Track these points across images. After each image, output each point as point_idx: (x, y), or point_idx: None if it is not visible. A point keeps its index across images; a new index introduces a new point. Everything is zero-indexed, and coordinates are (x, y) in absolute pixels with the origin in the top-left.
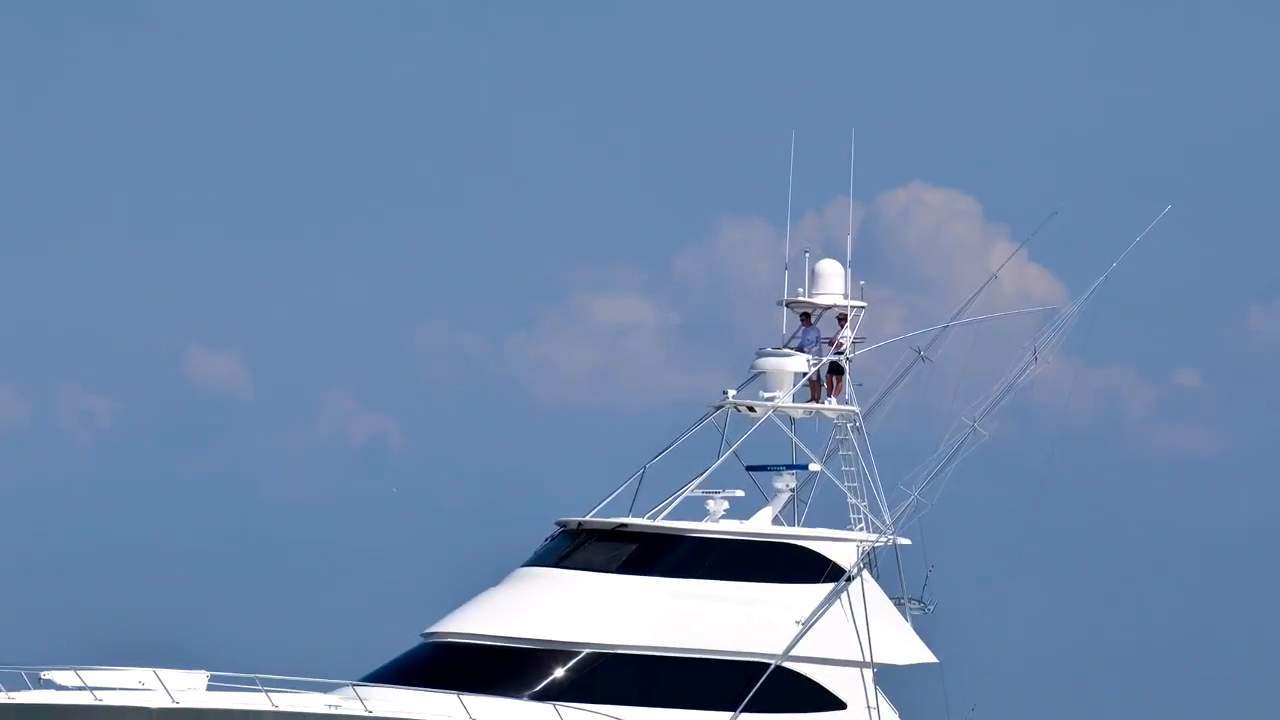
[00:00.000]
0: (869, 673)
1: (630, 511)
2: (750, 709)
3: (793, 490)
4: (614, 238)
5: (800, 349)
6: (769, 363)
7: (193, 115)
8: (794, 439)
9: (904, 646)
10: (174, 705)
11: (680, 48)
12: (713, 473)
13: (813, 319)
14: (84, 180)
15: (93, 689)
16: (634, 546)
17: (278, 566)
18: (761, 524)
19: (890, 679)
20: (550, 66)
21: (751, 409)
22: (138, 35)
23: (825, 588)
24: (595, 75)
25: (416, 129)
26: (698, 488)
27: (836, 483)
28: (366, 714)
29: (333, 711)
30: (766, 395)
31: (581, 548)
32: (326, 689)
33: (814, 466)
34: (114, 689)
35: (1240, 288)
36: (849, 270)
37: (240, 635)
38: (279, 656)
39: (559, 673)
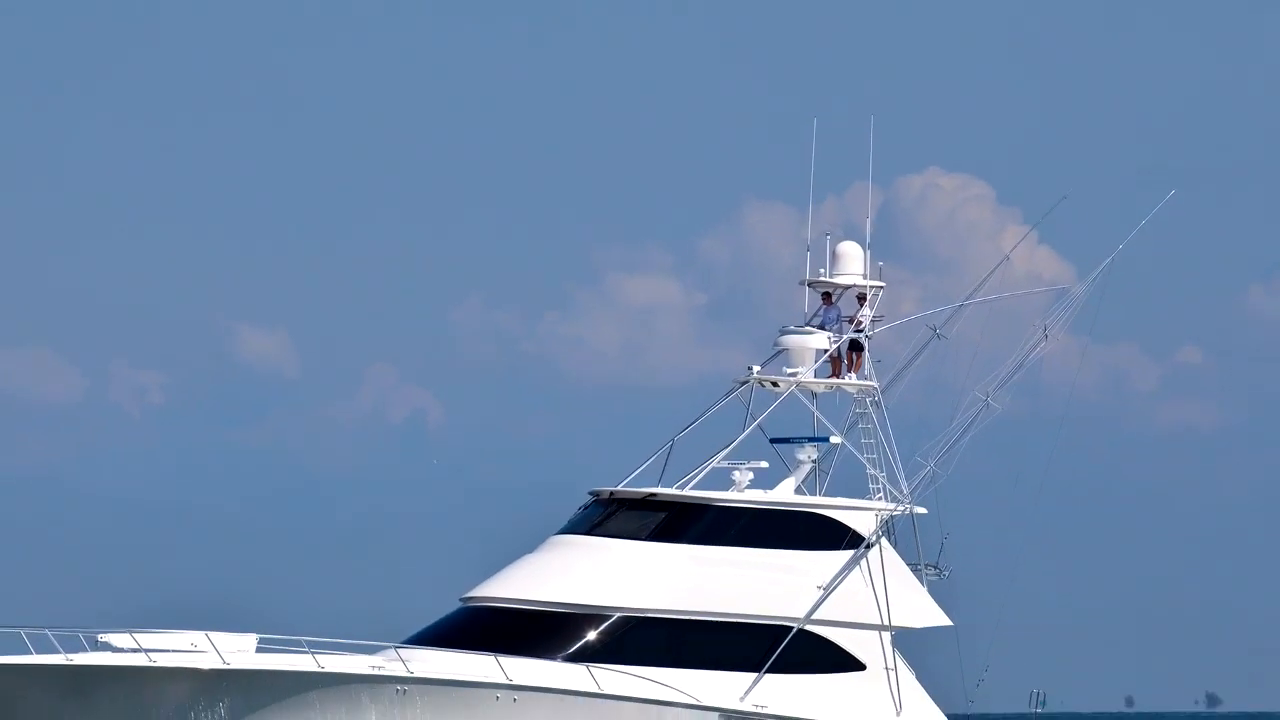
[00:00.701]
0: (887, 635)
1: (660, 481)
2: (774, 670)
3: (814, 461)
4: (643, 221)
5: (821, 327)
6: (792, 340)
7: (243, 105)
8: (815, 413)
9: (920, 610)
10: (225, 666)
11: (707, 38)
12: (738, 445)
13: (833, 298)
14: (138, 167)
15: (147, 651)
16: (663, 515)
17: (323, 535)
18: (784, 494)
19: (907, 641)
20: (583, 57)
21: (775, 384)
22: (192, 33)
23: (845, 554)
24: (626, 65)
25: (455, 117)
26: (724, 459)
27: (856, 454)
28: (408, 675)
29: (376, 672)
30: (789, 371)
31: (613, 516)
32: (370, 651)
33: (835, 439)
34: (167, 651)
35: (1241, 269)
36: (868, 252)
37: (288, 600)
38: (325, 620)
39: (591, 635)
